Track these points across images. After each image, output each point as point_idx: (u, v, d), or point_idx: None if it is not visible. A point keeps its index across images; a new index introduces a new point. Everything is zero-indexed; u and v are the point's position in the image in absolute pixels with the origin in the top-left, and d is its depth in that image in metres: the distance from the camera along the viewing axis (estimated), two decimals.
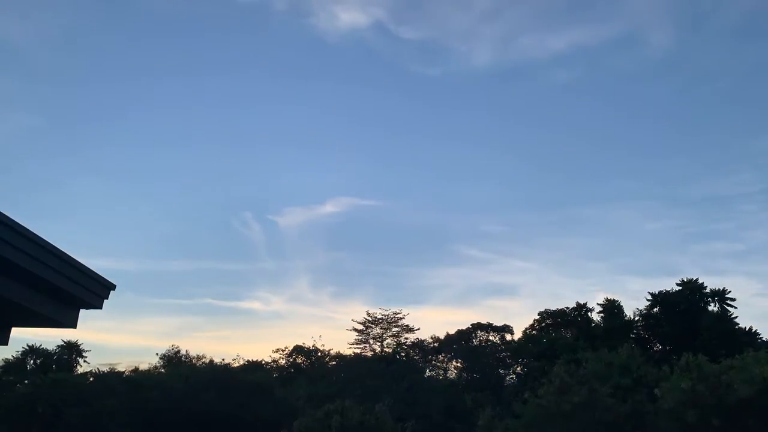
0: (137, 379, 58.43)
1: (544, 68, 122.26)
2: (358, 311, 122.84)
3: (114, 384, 55.60)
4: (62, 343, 69.37)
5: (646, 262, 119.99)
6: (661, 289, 62.70)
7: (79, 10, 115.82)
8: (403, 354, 75.75)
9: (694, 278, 61.53)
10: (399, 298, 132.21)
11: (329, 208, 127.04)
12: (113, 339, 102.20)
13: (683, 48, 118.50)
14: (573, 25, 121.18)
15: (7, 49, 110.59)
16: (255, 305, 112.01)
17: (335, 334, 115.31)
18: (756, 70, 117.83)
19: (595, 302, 72.33)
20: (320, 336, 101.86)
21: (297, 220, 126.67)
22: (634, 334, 62.50)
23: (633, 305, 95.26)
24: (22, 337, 68.23)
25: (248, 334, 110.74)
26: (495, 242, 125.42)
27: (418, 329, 78.98)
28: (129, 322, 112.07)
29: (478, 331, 79.71)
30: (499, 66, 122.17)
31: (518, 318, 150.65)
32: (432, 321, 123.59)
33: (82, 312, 5.96)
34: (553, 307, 70.87)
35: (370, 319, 77.85)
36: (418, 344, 78.12)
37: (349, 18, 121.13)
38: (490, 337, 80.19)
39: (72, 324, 5.85)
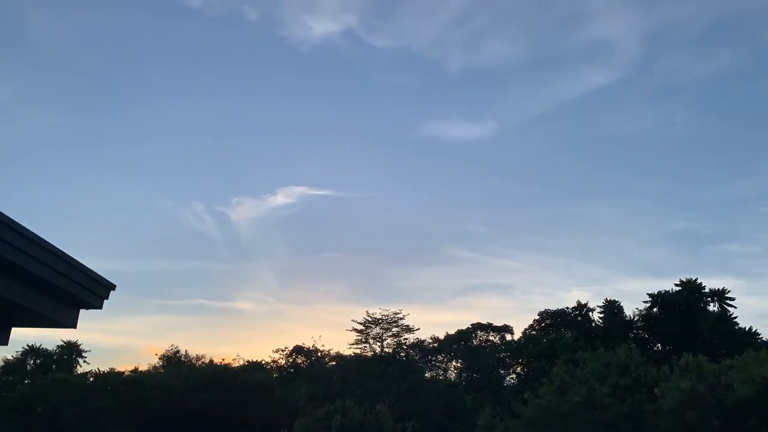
0: (137, 379, 58.42)
1: (516, 72, 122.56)
2: (328, 311, 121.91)
3: (113, 384, 55.61)
4: (62, 343, 69.50)
5: (631, 261, 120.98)
6: (660, 290, 62.86)
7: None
8: (403, 354, 75.76)
9: (693, 278, 61.63)
10: (380, 297, 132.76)
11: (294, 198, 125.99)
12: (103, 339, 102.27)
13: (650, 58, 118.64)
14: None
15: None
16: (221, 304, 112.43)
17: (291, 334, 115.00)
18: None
19: (574, 301, 72.18)
20: (320, 336, 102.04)
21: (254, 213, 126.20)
22: (633, 334, 62.56)
23: (627, 306, 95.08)
24: (22, 337, 68.33)
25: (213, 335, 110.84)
26: (481, 241, 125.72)
27: (418, 329, 79.10)
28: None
29: (478, 332, 79.84)
30: (470, 71, 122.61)
31: (500, 318, 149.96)
32: (416, 321, 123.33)
33: (82, 312, 5.96)
34: (533, 307, 71.02)
35: (370, 319, 77.93)
36: (418, 344, 78.17)
37: (321, 28, 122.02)
38: (490, 337, 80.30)
39: (72, 324, 5.85)
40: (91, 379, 57.85)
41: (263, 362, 73.20)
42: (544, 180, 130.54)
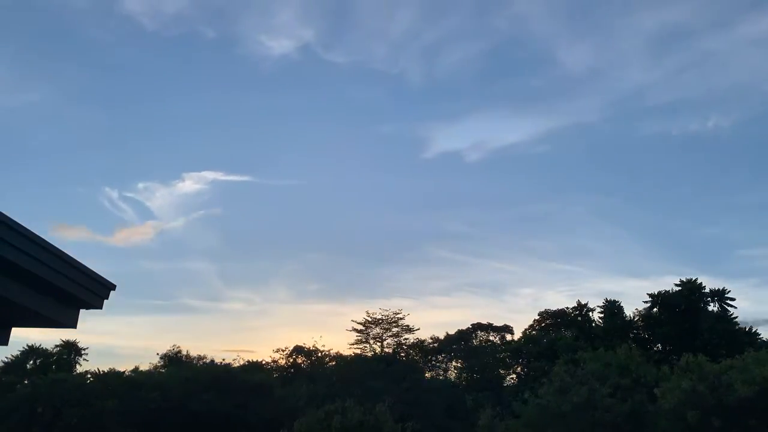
0: (137, 379, 58.41)
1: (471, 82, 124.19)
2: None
3: (114, 384, 55.59)
4: (62, 343, 69.47)
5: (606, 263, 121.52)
6: (660, 290, 62.83)
7: None
8: (403, 354, 75.76)
9: (693, 278, 61.62)
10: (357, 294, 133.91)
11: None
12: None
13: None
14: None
15: None
16: None
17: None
18: None
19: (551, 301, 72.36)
20: (320, 336, 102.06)
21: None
22: (633, 334, 62.55)
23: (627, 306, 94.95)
24: (22, 337, 68.36)
25: None
26: (462, 241, 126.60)
27: (418, 329, 79.14)
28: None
29: (478, 332, 79.85)
30: (427, 83, 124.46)
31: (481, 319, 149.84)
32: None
33: (82, 312, 5.96)
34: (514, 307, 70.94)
35: (370, 319, 77.97)
36: (418, 344, 78.17)
37: (278, 45, 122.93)
38: (490, 337, 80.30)
39: (72, 324, 5.85)
40: (91, 379, 57.82)
41: (263, 362, 73.25)
42: (519, 180, 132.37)
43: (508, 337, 79.33)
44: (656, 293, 62.44)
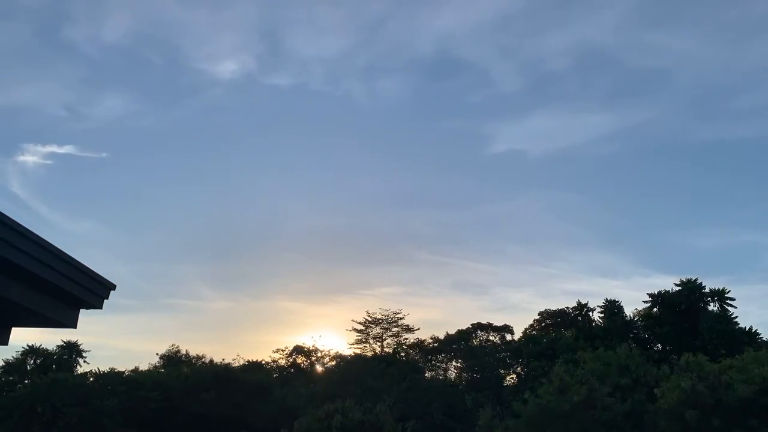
0: (137, 378, 58.41)
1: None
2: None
3: (114, 384, 55.60)
4: (62, 343, 69.45)
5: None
6: (660, 290, 62.81)
7: None
8: (403, 354, 75.76)
9: (693, 278, 61.59)
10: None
11: None
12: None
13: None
14: None
15: None
16: None
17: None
18: None
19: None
20: (320, 336, 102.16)
21: None
22: (633, 334, 62.52)
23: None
24: (22, 337, 68.29)
25: None
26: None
27: (418, 329, 79.14)
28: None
29: (478, 331, 79.75)
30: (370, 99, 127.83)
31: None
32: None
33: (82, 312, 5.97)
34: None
35: (370, 319, 77.97)
36: (418, 344, 78.13)
37: (222, 69, 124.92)
38: (490, 337, 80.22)
39: (72, 324, 5.85)
40: (91, 379, 57.84)
41: (263, 362, 73.24)
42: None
43: (508, 337, 79.32)
44: (656, 293, 62.44)
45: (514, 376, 71.14)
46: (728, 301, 60.41)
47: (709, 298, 60.84)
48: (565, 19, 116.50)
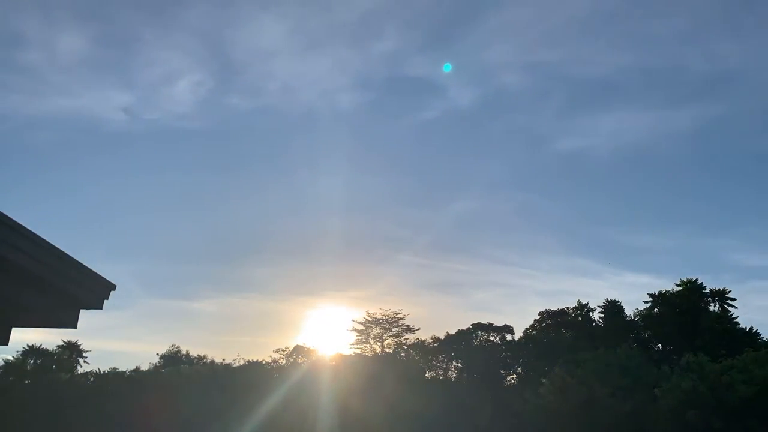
0: (137, 379, 58.39)
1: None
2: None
3: (114, 384, 55.59)
4: (62, 343, 69.42)
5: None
6: (660, 290, 62.78)
7: None
8: (403, 354, 75.67)
9: (694, 278, 61.57)
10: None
11: None
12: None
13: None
14: None
15: None
16: None
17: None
18: None
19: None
20: (320, 336, 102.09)
21: None
22: (634, 334, 62.47)
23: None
24: (22, 337, 68.24)
25: None
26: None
27: (419, 329, 79.04)
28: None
29: (479, 332, 79.64)
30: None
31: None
32: None
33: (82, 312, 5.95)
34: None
35: (370, 319, 77.88)
36: (418, 344, 78.05)
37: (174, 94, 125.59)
38: (491, 337, 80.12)
39: (72, 324, 5.84)
40: (92, 379, 57.84)
41: (263, 362, 73.20)
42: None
43: (508, 337, 79.22)
44: (657, 293, 62.39)
45: (514, 376, 71.10)
46: (729, 302, 60.39)
47: (709, 299, 60.83)
48: None
